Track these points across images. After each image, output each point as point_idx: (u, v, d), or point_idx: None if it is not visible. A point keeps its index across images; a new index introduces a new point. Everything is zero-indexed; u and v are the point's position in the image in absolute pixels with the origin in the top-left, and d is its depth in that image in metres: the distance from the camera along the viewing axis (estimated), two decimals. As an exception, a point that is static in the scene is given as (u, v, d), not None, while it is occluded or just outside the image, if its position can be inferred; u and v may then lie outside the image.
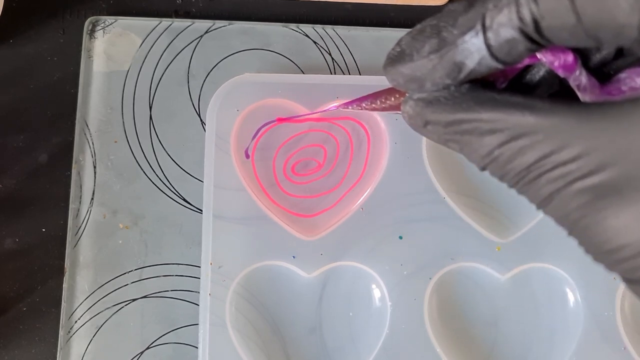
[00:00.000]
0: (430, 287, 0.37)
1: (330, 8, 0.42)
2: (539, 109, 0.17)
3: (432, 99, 0.18)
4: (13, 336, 0.37)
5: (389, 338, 0.36)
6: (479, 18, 0.17)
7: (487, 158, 0.18)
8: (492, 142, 0.17)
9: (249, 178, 0.38)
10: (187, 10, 0.41)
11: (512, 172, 0.17)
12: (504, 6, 0.16)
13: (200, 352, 0.35)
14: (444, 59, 0.17)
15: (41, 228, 0.38)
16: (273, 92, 0.38)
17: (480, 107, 0.17)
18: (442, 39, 0.17)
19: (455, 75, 0.18)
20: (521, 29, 0.16)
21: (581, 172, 0.16)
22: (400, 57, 0.19)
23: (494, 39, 0.16)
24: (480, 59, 0.17)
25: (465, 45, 0.17)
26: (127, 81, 0.40)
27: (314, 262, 0.37)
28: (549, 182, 0.16)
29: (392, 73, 0.19)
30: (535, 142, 0.16)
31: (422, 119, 0.19)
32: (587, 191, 0.16)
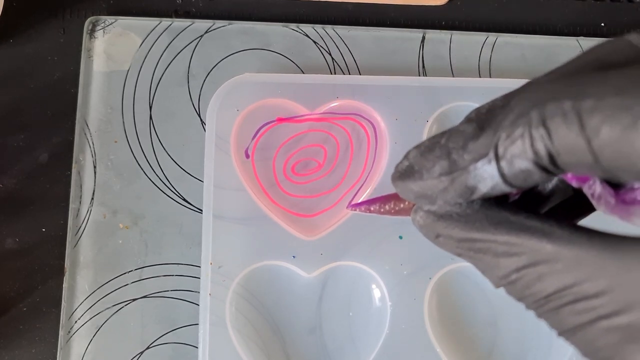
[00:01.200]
0: (430, 287, 0.37)
1: (330, 8, 0.42)
2: (557, 237, 0.16)
3: (443, 213, 0.18)
4: (13, 336, 0.37)
5: (389, 338, 0.36)
6: (491, 146, 0.16)
7: (504, 280, 0.17)
8: (509, 265, 0.17)
9: (249, 178, 0.38)
10: (187, 10, 0.41)
11: (531, 298, 0.17)
12: (518, 138, 0.16)
13: (200, 352, 0.35)
14: (456, 182, 0.17)
15: (41, 228, 0.38)
16: (273, 92, 0.38)
17: (494, 228, 0.17)
18: (452, 161, 0.17)
19: (468, 196, 0.17)
20: (536, 161, 0.16)
21: (607, 309, 0.15)
22: (410, 174, 0.18)
23: (508, 169, 0.16)
24: (493, 185, 0.17)
25: (477, 171, 0.17)
26: (127, 81, 0.40)
27: (314, 262, 0.37)
28: (572, 314, 0.16)
29: (402, 188, 0.19)
30: (555, 271, 0.16)
31: (433, 231, 0.19)
32: (615, 331, 0.15)
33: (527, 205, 0.19)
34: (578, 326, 0.16)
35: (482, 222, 0.17)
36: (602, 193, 0.17)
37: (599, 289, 0.15)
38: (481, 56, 0.41)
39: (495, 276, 0.17)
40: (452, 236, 0.18)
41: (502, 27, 0.42)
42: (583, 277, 0.15)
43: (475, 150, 0.17)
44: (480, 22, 0.42)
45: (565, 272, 0.16)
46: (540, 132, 0.15)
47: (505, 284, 0.17)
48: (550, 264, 0.16)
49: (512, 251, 0.17)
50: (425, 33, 0.41)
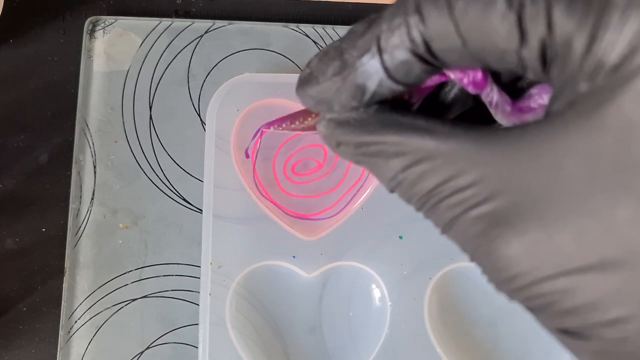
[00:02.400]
0: (430, 287, 0.37)
1: (330, 8, 0.42)
2: (438, 133, 0.16)
3: (342, 120, 0.18)
4: (13, 336, 0.37)
5: (389, 338, 0.36)
6: (374, 40, 0.16)
7: (393, 181, 0.17)
8: (397, 165, 0.17)
9: (249, 178, 0.38)
10: (187, 10, 0.41)
11: (416, 197, 0.17)
12: (396, 28, 0.16)
13: (200, 352, 0.35)
14: (346, 82, 0.17)
15: (41, 228, 0.38)
16: (273, 92, 0.38)
17: (385, 129, 0.17)
18: (343, 61, 0.17)
19: (360, 97, 0.17)
20: (414, 50, 0.16)
21: (475, 199, 0.16)
22: (308, 80, 0.18)
23: (390, 61, 0.16)
24: (380, 81, 0.17)
25: (364, 67, 0.17)
26: (127, 81, 0.40)
27: (314, 262, 0.37)
28: (448, 208, 0.16)
29: (302, 95, 0.19)
30: (435, 167, 0.16)
31: (334, 140, 0.19)
32: (481, 219, 0.16)
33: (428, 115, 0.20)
34: (454, 218, 0.16)
35: (375, 126, 0.18)
36: (498, 100, 0.18)
37: (470, 180, 0.16)
38: (481, 56, 0.41)
39: (386, 178, 0.18)
40: (349, 142, 0.18)
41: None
42: (457, 170, 0.16)
43: (361, 46, 0.17)
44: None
45: (443, 166, 0.16)
46: (414, 19, 0.16)
47: (395, 185, 0.18)
48: (431, 161, 0.16)
49: (400, 151, 0.17)
50: (425, 33, 0.41)
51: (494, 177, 0.15)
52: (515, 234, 0.15)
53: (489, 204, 0.15)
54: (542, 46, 0.14)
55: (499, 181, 0.15)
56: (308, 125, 0.22)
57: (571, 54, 0.14)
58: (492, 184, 0.15)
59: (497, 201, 0.15)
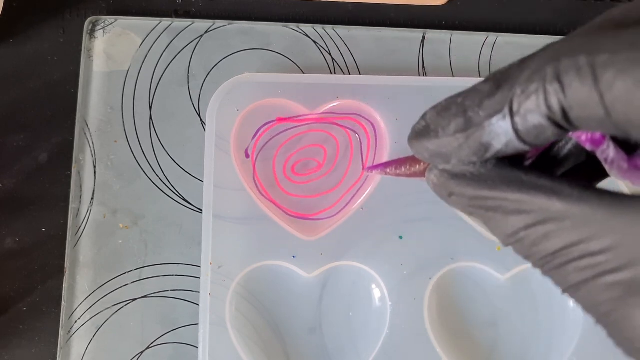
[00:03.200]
0: (430, 287, 0.37)
1: (330, 8, 0.42)
2: (566, 195, 0.16)
3: (457, 172, 0.19)
4: (13, 336, 0.37)
5: (389, 338, 0.36)
6: (506, 102, 0.16)
7: (512, 238, 0.18)
8: (518, 223, 0.17)
9: (249, 178, 0.38)
10: (187, 10, 0.41)
11: (537, 256, 0.17)
12: (532, 93, 0.16)
13: (200, 352, 0.35)
14: (471, 139, 0.17)
15: (41, 228, 0.38)
16: (273, 92, 0.38)
17: (506, 186, 0.17)
18: (468, 119, 0.17)
19: (482, 154, 0.18)
20: (549, 116, 0.16)
21: (611, 265, 0.16)
22: (426, 132, 0.19)
23: (522, 124, 0.16)
24: (507, 142, 0.17)
25: (492, 127, 0.17)
26: (127, 81, 0.40)
27: (314, 262, 0.37)
28: (577, 271, 0.16)
29: (417, 147, 0.19)
30: (563, 228, 0.16)
31: (446, 190, 0.19)
32: (617, 286, 0.16)
33: (542, 169, 0.19)
34: (582, 282, 0.16)
35: (495, 181, 0.18)
36: (615, 157, 0.17)
37: (604, 246, 0.16)
38: (481, 56, 0.41)
39: (503, 234, 0.18)
40: (464, 194, 0.18)
41: (502, 27, 0.42)
42: (590, 235, 0.16)
43: (490, 107, 0.17)
44: (480, 22, 0.42)
45: (572, 229, 0.16)
46: (554, 87, 0.15)
47: (514, 242, 0.18)
48: (558, 222, 0.16)
49: (522, 209, 0.17)
50: (425, 33, 0.41)
51: (631, 244, 0.15)
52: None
53: (626, 272, 0.15)
54: None
55: (637, 249, 0.15)
56: (414, 172, 0.22)
57: None
58: (629, 252, 0.15)
59: (635, 269, 0.15)
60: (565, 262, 0.16)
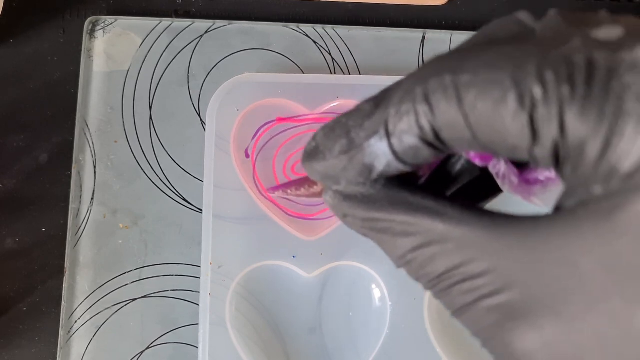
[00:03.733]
0: (430, 287, 0.37)
1: (330, 8, 0.42)
2: (449, 217, 0.16)
3: (349, 194, 0.18)
4: (13, 336, 0.37)
5: (389, 338, 0.36)
6: (382, 123, 0.16)
7: (402, 260, 0.17)
8: (406, 245, 0.17)
9: (249, 178, 0.38)
10: (187, 10, 0.41)
11: (425, 278, 0.17)
12: (404, 114, 0.16)
13: (200, 352, 0.35)
14: (353, 161, 0.17)
15: (41, 228, 0.38)
16: (273, 92, 0.38)
17: (393, 208, 0.17)
18: (350, 140, 0.17)
19: (367, 175, 0.17)
20: (422, 137, 0.16)
21: (488, 289, 0.15)
22: (315, 154, 0.18)
23: (398, 145, 0.16)
24: (387, 162, 0.17)
25: (371, 149, 0.17)
26: (127, 81, 0.40)
27: (314, 262, 0.37)
28: (460, 294, 0.16)
29: (309, 169, 0.19)
30: (446, 251, 0.16)
31: (340, 211, 0.19)
32: (495, 310, 0.15)
33: (436, 186, 0.20)
34: (464, 306, 0.16)
35: (382, 202, 0.18)
36: (506, 172, 0.18)
37: (483, 268, 0.15)
38: (481, 56, 0.41)
39: (394, 256, 0.18)
40: (356, 215, 0.18)
41: (502, 27, 0.42)
42: (470, 257, 0.16)
43: (369, 128, 0.17)
44: (480, 22, 0.42)
45: (454, 252, 0.16)
46: (423, 108, 0.15)
47: (403, 264, 0.18)
48: (441, 244, 0.16)
49: (409, 231, 0.17)
50: (425, 33, 0.41)
51: (507, 267, 0.15)
52: (531, 329, 0.15)
53: (502, 295, 0.15)
54: (555, 147, 0.14)
55: (513, 272, 0.15)
56: (313, 193, 0.22)
57: (584, 158, 0.14)
58: (505, 275, 0.15)
59: (510, 293, 0.15)
60: (449, 285, 0.16)
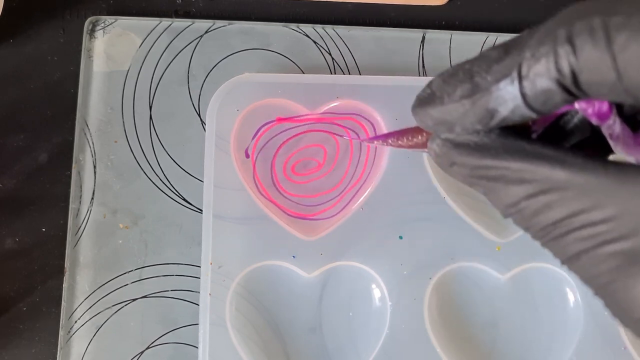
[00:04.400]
0: (430, 287, 0.37)
1: (330, 8, 0.42)
2: (570, 164, 0.16)
3: (460, 142, 0.18)
4: (13, 336, 0.37)
5: (389, 338, 0.36)
6: (515, 66, 0.16)
7: (512, 208, 0.17)
8: (519, 192, 0.17)
9: (249, 178, 0.38)
10: (187, 10, 0.41)
11: (538, 226, 0.17)
12: (542, 56, 0.16)
13: (200, 352, 0.35)
14: (476, 105, 0.17)
15: (41, 228, 0.38)
16: (273, 92, 0.38)
17: (509, 155, 0.17)
18: (475, 84, 0.17)
19: (487, 121, 0.17)
20: (558, 80, 0.15)
21: (612, 234, 0.15)
22: (430, 100, 0.18)
23: (530, 88, 0.16)
24: (514, 108, 0.17)
25: (499, 92, 0.17)
26: (127, 81, 0.40)
27: (314, 262, 0.37)
28: (577, 240, 0.16)
29: (421, 115, 0.19)
30: (565, 198, 0.16)
31: (448, 160, 0.19)
32: (618, 255, 0.15)
33: (548, 142, 0.19)
34: (582, 251, 0.16)
35: (498, 150, 0.17)
36: (620, 133, 0.17)
37: (606, 215, 0.15)
38: (481, 56, 0.41)
39: (504, 204, 0.17)
40: (466, 164, 0.18)
41: (502, 27, 0.42)
42: (592, 204, 0.16)
43: (498, 71, 0.17)
44: (480, 22, 0.42)
45: (575, 199, 0.16)
46: (565, 49, 0.15)
47: (514, 212, 0.17)
48: (561, 192, 0.16)
49: (525, 178, 0.17)
50: (425, 33, 0.41)
51: (633, 214, 0.15)
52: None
53: (627, 241, 0.15)
54: None
55: (639, 219, 0.15)
56: (416, 143, 0.22)
57: None
58: (631, 222, 0.15)
59: (636, 239, 0.15)
60: (566, 232, 0.16)
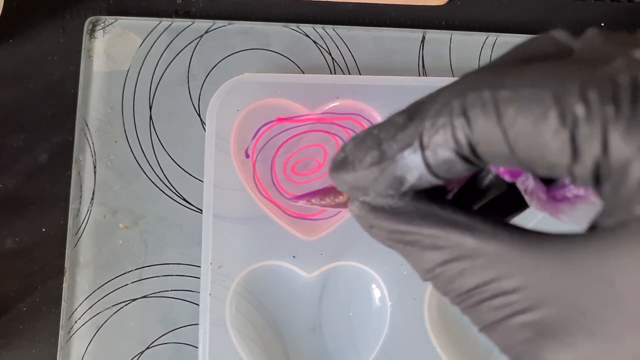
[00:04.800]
0: (430, 287, 0.37)
1: (330, 8, 0.42)
2: (480, 232, 0.16)
3: (376, 206, 0.18)
4: (13, 336, 0.37)
5: (389, 338, 0.36)
6: (416, 136, 0.16)
7: (429, 274, 0.17)
8: (434, 258, 0.17)
9: (249, 178, 0.38)
10: (187, 10, 0.41)
11: (454, 293, 0.17)
12: (440, 127, 0.16)
13: (200, 352, 0.35)
14: (385, 173, 0.17)
15: (41, 228, 0.38)
16: (273, 92, 0.38)
17: (422, 221, 0.17)
18: (382, 151, 0.17)
19: (397, 187, 0.17)
20: (457, 151, 0.16)
21: (522, 305, 0.15)
22: (344, 165, 0.18)
23: (432, 158, 0.16)
24: (420, 175, 0.17)
25: (404, 161, 0.17)
26: (127, 81, 0.40)
27: (314, 262, 0.37)
28: (490, 310, 0.16)
29: (337, 179, 0.19)
30: (476, 266, 0.16)
31: (367, 222, 0.19)
32: (527, 327, 0.15)
33: (464, 201, 0.20)
34: (495, 322, 0.16)
35: (412, 215, 0.17)
36: (534, 188, 0.17)
37: (515, 285, 0.15)
38: (481, 56, 0.41)
39: (422, 269, 0.18)
40: (383, 227, 0.18)
41: (502, 27, 0.42)
42: (501, 273, 0.16)
43: (402, 140, 0.17)
44: (480, 22, 0.42)
45: (485, 267, 0.16)
46: (461, 122, 0.15)
47: (430, 277, 0.17)
48: (471, 259, 0.16)
49: (437, 244, 0.17)
50: (425, 33, 0.41)
51: (540, 284, 0.15)
52: (564, 347, 0.15)
53: (535, 312, 0.15)
54: (596, 166, 0.14)
55: (547, 289, 0.15)
56: (338, 203, 0.22)
57: (627, 178, 0.14)
58: (538, 292, 0.15)
59: (544, 310, 0.15)
60: (479, 300, 0.16)
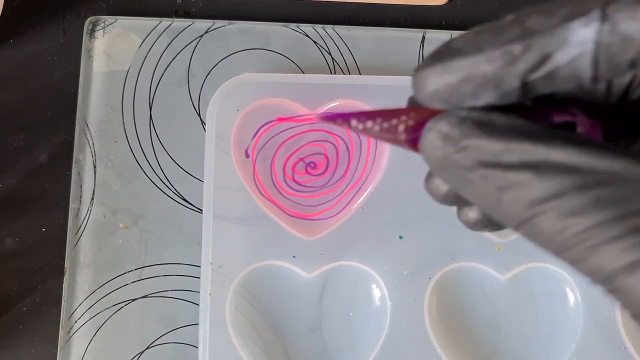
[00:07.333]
0: (430, 287, 0.37)
1: (330, 8, 0.42)
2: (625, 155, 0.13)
3: (485, 120, 0.14)
4: (13, 336, 0.37)
5: (389, 338, 0.36)
6: (598, 4, 0.13)
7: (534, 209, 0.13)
8: (564, 183, 0.13)
9: (249, 178, 0.38)
10: (187, 10, 0.41)
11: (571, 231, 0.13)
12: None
13: (200, 352, 0.35)
14: (531, 49, 0.13)
15: (41, 228, 0.38)
16: (273, 92, 0.38)
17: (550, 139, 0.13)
18: (526, 28, 0.14)
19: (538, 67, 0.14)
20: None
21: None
22: (457, 51, 0.14)
23: (609, 33, 0.13)
24: (574, 57, 0.13)
25: (566, 33, 0.13)
26: (127, 81, 0.40)
27: (314, 262, 0.37)
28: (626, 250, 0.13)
29: (439, 71, 0.14)
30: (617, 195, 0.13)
31: (457, 145, 0.14)
32: None
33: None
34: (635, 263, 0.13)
35: (538, 132, 0.14)
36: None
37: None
38: (481, 56, 0.41)
39: (525, 202, 0.14)
40: (488, 149, 0.14)
41: (502, 27, 0.42)
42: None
43: (568, 13, 0.13)
44: (480, 22, 0.42)
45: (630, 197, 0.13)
46: None
47: (532, 215, 0.14)
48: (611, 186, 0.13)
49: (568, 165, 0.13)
50: (425, 33, 0.41)
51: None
52: None
53: None
54: None
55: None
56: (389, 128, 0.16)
57: None
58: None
59: None
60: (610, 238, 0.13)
